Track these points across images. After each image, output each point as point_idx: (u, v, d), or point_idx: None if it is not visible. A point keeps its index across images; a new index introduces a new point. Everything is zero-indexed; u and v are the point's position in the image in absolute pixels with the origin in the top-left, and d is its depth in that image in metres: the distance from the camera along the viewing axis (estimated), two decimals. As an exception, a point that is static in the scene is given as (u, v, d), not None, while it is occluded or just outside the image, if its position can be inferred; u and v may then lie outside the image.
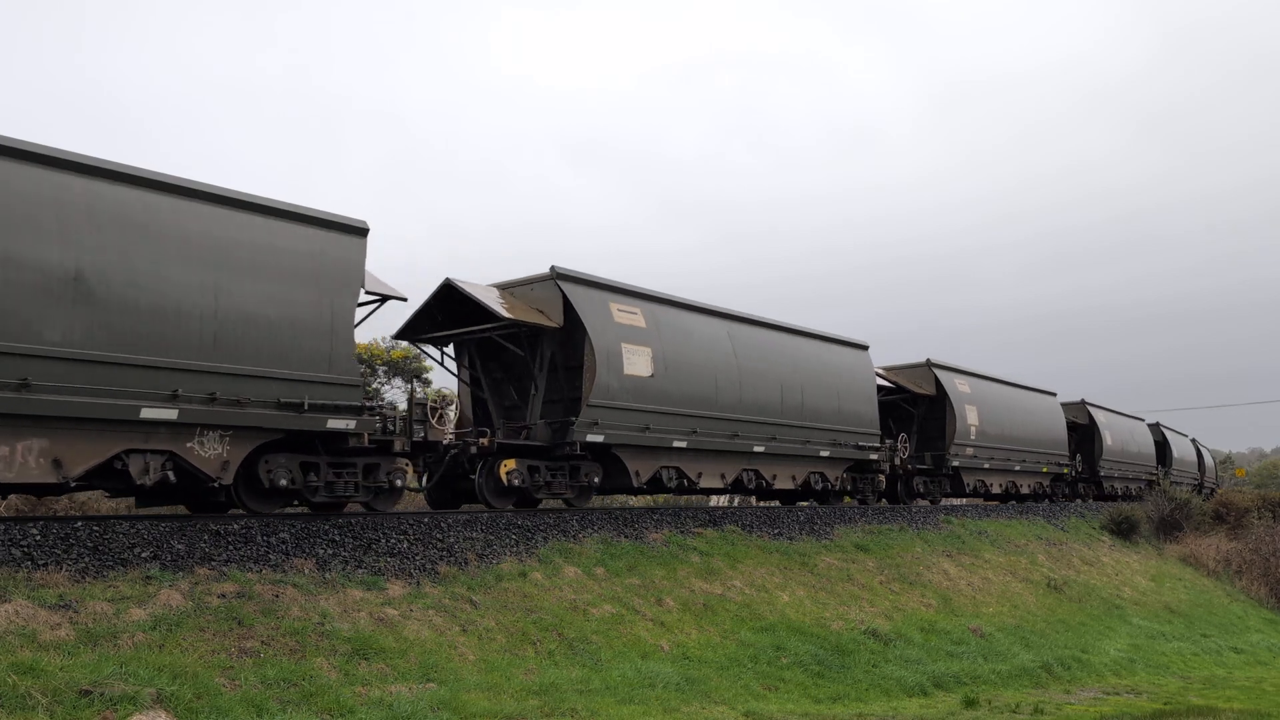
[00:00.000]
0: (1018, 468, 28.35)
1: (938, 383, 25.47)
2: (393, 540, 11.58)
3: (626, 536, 14.26)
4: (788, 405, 18.86)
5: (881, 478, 22.61)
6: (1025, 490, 29.31)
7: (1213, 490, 46.08)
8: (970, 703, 11.38)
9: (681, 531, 15.25)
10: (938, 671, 12.72)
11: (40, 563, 8.78)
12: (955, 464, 25.12)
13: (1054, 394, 32.24)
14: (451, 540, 12.15)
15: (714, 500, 25.55)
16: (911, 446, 24.40)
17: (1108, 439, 35.03)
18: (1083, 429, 34.93)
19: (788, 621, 13.08)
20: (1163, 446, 42.44)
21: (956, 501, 28.03)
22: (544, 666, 9.74)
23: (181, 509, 12.69)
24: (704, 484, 17.18)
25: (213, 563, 9.73)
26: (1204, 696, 13.28)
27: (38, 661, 7.13)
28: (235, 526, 10.67)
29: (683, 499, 23.90)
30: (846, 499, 22.29)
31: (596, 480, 15.47)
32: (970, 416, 25.74)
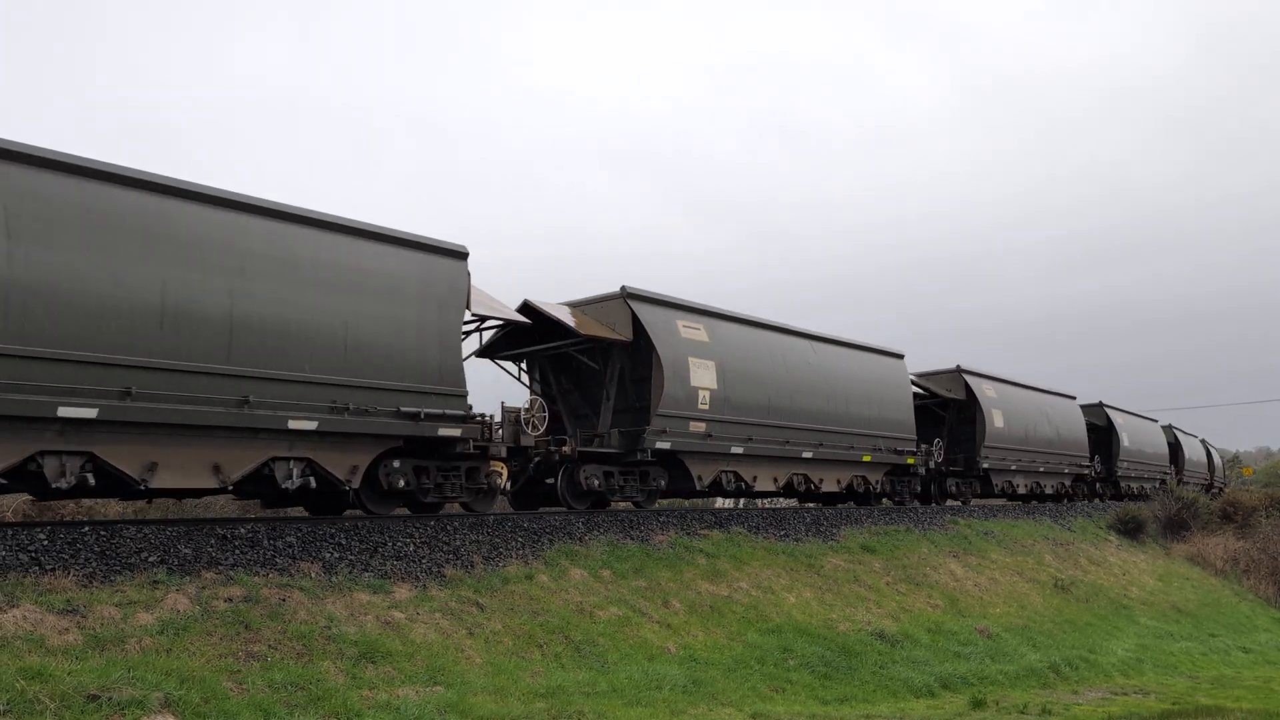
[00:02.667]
0: (808, 455, 19.25)
1: (636, 324, 16.31)
2: (399, 543, 11.59)
3: (632, 539, 14.26)
4: (183, 337, 10.49)
5: (496, 469, 13.87)
6: (832, 487, 20.56)
7: (1214, 487, 44.44)
8: (978, 704, 11.36)
9: (687, 534, 15.24)
10: (945, 672, 12.70)
11: (48, 567, 8.80)
12: (664, 446, 16.06)
13: (899, 355, 23.42)
14: (458, 543, 12.16)
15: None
16: (603, 419, 16.71)
17: (997, 420, 26.57)
18: (959, 407, 26.69)
19: (794, 623, 13.07)
20: (1106, 432, 34.86)
21: (690, 503, 21.63)
22: (551, 669, 9.74)
23: (186, 514, 12.70)
24: None
25: (219, 567, 9.75)
26: (1212, 696, 13.24)
27: (45, 666, 7.15)
28: (242, 530, 10.69)
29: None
30: (459, 506, 14.36)
31: None
32: (702, 376, 16.70)
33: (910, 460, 22.57)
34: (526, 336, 17.28)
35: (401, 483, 12.77)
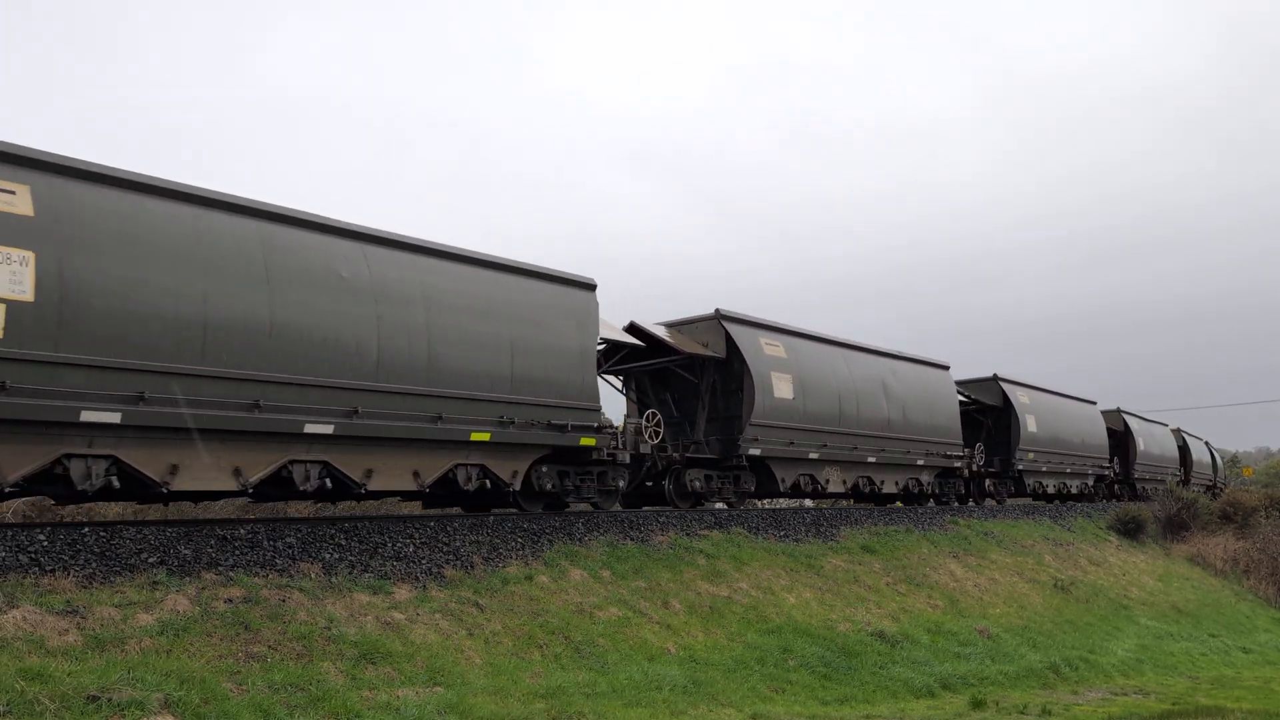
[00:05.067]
0: (322, 429, 11.24)
1: None
2: (399, 544, 11.59)
3: (632, 539, 14.26)
4: None
5: None
6: (400, 484, 12.43)
7: (1189, 481, 39.18)
8: (978, 704, 11.36)
9: (687, 534, 15.24)
10: (945, 673, 12.70)
11: (48, 568, 8.80)
12: None
13: (585, 285, 15.15)
14: (458, 544, 12.16)
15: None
16: None
17: (780, 389, 18.61)
18: (720, 370, 18.62)
19: (794, 623, 13.07)
20: (1002, 415, 28.08)
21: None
22: (551, 670, 9.74)
23: (189, 515, 12.69)
24: None
25: (219, 568, 9.75)
26: (1212, 697, 13.24)
27: (45, 667, 7.14)
28: (241, 531, 10.69)
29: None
30: None
31: None
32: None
33: (587, 441, 14.50)
34: None
35: None
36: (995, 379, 28.06)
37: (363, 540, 11.38)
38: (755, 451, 18.02)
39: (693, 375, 18.75)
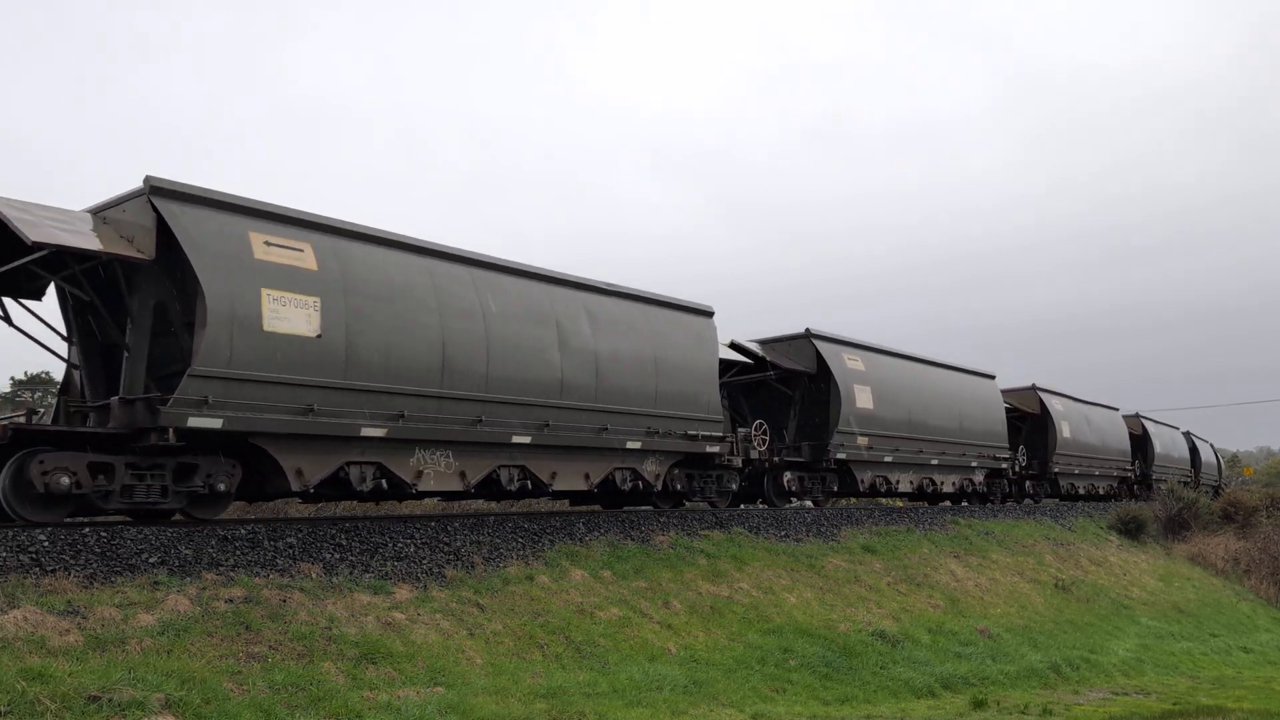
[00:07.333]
0: None
1: None
2: (400, 544, 11.58)
3: (633, 539, 14.25)
4: None
5: None
6: None
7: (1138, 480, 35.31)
8: (979, 704, 11.36)
9: (688, 534, 15.24)
10: (946, 673, 12.69)
11: (49, 568, 8.79)
12: None
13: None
14: (458, 544, 12.15)
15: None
16: None
17: (294, 320, 10.61)
18: (161, 282, 10.47)
19: (795, 623, 13.06)
20: (811, 387, 20.77)
21: None
22: (551, 670, 9.74)
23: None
24: None
25: (220, 568, 9.74)
26: (1213, 696, 13.24)
27: (46, 667, 7.14)
28: (242, 531, 10.69)
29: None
30: None
31: None
32: None
33: None
34: None
35: None
36: (808, 336, 20.69)
37: (363, 540, 11.38)
38: (207, 423, 9.99)
39: (119, 297, 10.65)
